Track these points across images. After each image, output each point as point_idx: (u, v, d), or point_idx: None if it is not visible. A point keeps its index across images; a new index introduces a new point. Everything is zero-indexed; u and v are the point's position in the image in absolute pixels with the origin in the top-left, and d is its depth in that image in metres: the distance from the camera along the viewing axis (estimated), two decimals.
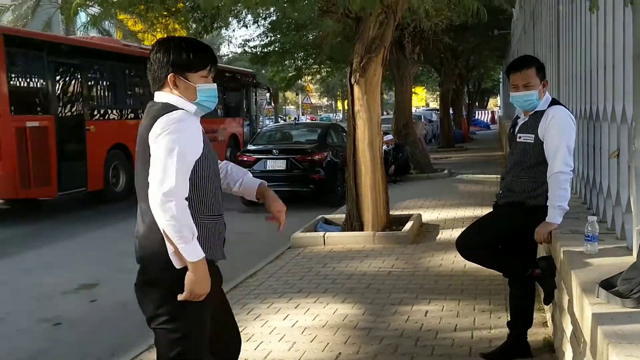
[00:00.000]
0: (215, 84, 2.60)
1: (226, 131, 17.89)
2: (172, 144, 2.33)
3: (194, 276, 2.37)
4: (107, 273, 7.07)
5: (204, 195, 2.48)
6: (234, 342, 2.82)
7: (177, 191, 2.31)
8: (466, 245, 3.87)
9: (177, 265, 2.39)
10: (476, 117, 42.23)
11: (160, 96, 2.53)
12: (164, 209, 2.29)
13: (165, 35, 10.40)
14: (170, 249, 2.37)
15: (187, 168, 2.38)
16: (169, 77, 2.49)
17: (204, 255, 2.39)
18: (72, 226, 10.29)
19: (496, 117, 41.79)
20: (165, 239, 2.35)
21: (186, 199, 2.36)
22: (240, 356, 4.14)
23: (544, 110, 3.64)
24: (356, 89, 7.73)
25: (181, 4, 8.25)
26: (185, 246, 2.32)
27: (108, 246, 8.59)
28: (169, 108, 2.44)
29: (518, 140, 3.78)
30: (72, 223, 10.62)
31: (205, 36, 12.54)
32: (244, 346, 4.31)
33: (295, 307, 5.19)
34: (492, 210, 4.02)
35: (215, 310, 2.60)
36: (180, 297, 2.38)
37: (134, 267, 2.55)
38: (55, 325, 5.50)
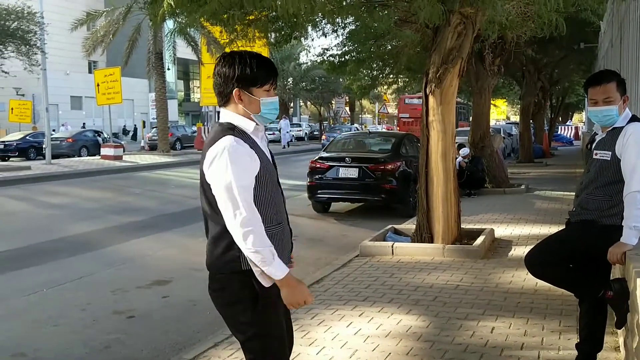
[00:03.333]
0: (277, 96, 2.68)
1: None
2: (228, 177, 2.44)
3: (287, 290, 2.53)
4: (180, 271, 7.30)
5: (264, 209, 2.56)
6: (291, 340, 2.88)
7: (250, 219, 2.44)
8: (535, 262, 3.77)
9: (266, 284, 2.54)
10: (558, 132, 40.92)
11: (224, 115, 2.63)
12: (245, 239, 2.44)
13: (245, 44, 10.66)
14: (256, 271, 2.52)
15: (249, 194, 2.48)
16: (234, 92, 2.57)
17: (288, 270, 2.53)
18: (153, 224, 10.69)
19: (580, 132, 40.37)
20: (251, 263, 2.51)
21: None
22: None
23: (623, 127, 3.52)
24: (431, 99, 7.67)
25: (264, 13, 8.44)
26: (269, 268, 2.48)
27: (183, 245, 8.88)
28: (223, 132, 2.53)
29: (594, 157, 3.66)
30: (153, 221, 11.03)
31: (285, 45, 12.77)
32: (306, 350, 4.41)
33: (360, 315, 5.20)
34: (564, 227, 3.92)
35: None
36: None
37: (205, 267, 2.66)
38: (129, 317, 5.75)
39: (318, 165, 11.69)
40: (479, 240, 7.71)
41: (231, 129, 2.55)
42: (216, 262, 2.59)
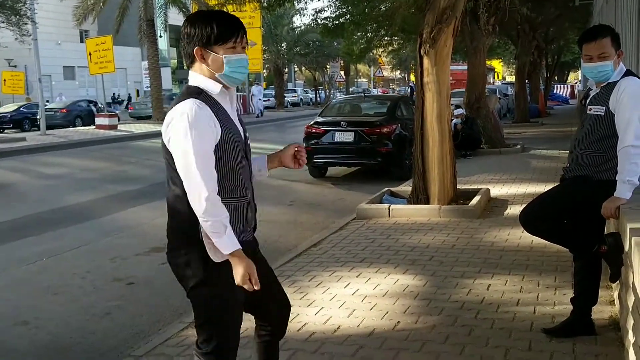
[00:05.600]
0: (245, 54, 2.54)
1: None
2: (187, 142, 2.37)
3: (236, 266, 2.43)
4: None
5: (226, 180, 2.50)
6: (279, 310, 2.84)
7: (204, 187, 2.36)
8: (529, 218, 3.79)
9: (216, 259, 2.44)
10: (554, 91, 40.77)
11: (191, 77, 2.54)
12: (198, 207, 2.37)
13: (236, 9, 10.53)
14: (207, 243, 2.44)
15: (208, 160, 2.40)
16: (194, 51, 2.47)
17: (239, 246, 2.42)
18: (149, 193, 10.70)
19: (575, 91, 40.24)
20: (203, 235, 2.44)
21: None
22: (300, 320, 4.30)
23: (617, 82, 3.50)
24: (425, 60, 7.62)
25: None
26: (219, 240, 2.39)
27: None
28: (187, 95, 2.45)
29: (588, 112, 3.65)
30: (149, 190, 11.04)
31: (277, 8, 12.61)
32: (305, 310, 4.45)
33: (357, 276, 5.26)
34: (558, 184, 3.93)
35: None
36: (238, 283, 2.46)
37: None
38: (128, 284, 5.80)
39: (314, 130, 11.67)
40: (475, 200, 7.74)
41: (197, 93, 2.46)
42: (175, 229, 2.58)
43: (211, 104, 2.46)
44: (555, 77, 43.45)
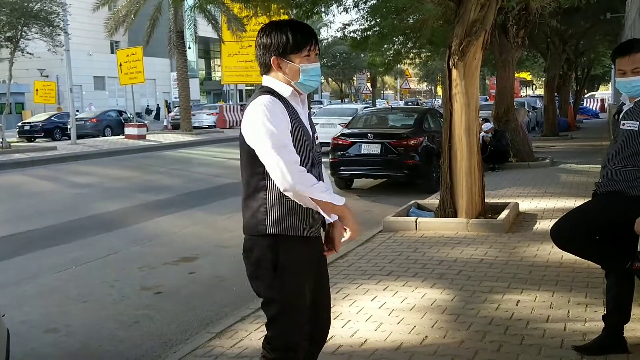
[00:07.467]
0: (318, 62, 2.67)
1: None
2: (268, 126, 2.47)
3: (348, 217, 2.60)
4: (205, 248, 7.38)
5: None
6: (323, 321, 2.87)
7: (290, 167, 2.44)
8: (561, 234, 3.74)
9: (331, 218, 2.69)
10: (584, 104, 40.25)
11: (264, 81, 2.69)
12: (291, 187, 2.44)
13: (267, 20, 10.64)
14: (319, 209, 2.54)
15: (285, 140, 2.49)
16: (272, 60, 2.61)
17: (344, 199, 2.57)
18: (178, 202, 10.80)
19: (606, 105, 39.68)
20: (315, 204, 2.52)
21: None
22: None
23: None
24: (454, 72, 7.59)
25: None
26: (329, 196, 2.51)
27: (208, 222, 8.97)
28: (261, 93, 2.60)
29: (621, 127, 3.60)
30: (178, 199, 11.15)
31: (305, 21, 12.68)
32: (331, 323, 4.43)
33: (384, 289, 5.23)
34: (590, 199, 3.88)
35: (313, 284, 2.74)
36: (344, 238, 2.71)
37: (231, 243, 2.70)
38: (157, 293, 5.85)
39: (340, 142, 11.68)
40: (503, 214, 7.66)
41: (269, 92, 2.59)
42: (246, 224, 2.65)
43: (283, 101, 2.58)
44: (585, 90, 42.89)
